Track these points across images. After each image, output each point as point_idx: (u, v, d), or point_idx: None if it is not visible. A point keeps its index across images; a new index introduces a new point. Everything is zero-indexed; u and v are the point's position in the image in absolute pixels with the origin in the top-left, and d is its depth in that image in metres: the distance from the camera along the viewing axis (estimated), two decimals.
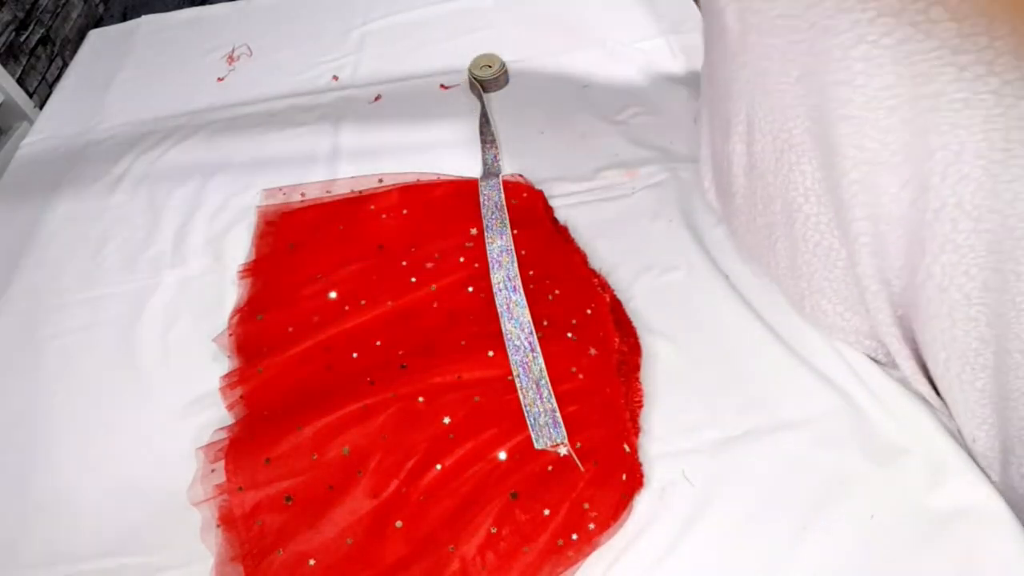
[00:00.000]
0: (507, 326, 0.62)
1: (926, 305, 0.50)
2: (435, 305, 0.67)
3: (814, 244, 0.56)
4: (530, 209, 0.75)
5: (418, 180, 0.81)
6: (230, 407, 0.64)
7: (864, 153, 0.47)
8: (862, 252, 0.52)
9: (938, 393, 0.56)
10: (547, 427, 0.56)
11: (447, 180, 0.79)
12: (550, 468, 0.54)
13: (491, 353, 0.60)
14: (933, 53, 0.38)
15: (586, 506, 0.53)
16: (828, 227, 0.54)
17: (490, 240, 0.69)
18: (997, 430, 0.51)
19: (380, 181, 0.81)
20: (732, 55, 0.53)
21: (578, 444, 0.55)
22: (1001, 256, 0.44)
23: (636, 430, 0.57)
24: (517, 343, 0.60)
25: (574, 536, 0.52)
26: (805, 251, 0.57)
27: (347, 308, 0.68)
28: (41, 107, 1.24)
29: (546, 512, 0.52)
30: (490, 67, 0.93)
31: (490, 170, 0.80)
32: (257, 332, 0.69)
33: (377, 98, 0.98)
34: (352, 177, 0.83)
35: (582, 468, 0.53)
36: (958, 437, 0.57)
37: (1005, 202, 0.42)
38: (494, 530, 0.52)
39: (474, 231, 0.72)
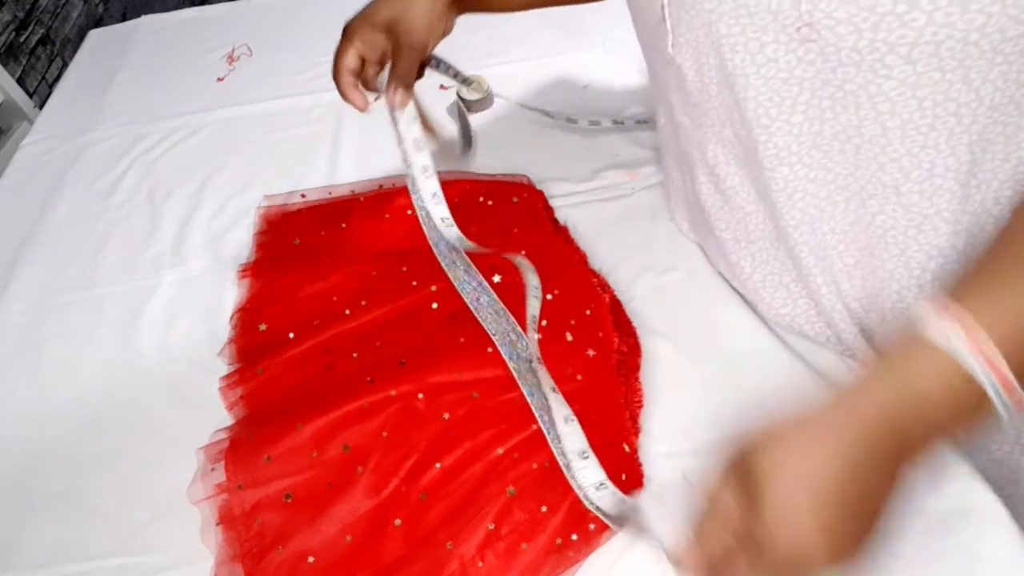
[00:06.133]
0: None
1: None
2: (435, 306, 0.67)
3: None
4: (530, 209, 0.75)
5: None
6: (230, 407, 0.64)
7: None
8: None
9: None
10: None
11: (449, 180, 0.79)
12: (547, 465, 0.54)
13: (490, 349, 0.60)
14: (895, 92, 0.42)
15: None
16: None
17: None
18: None
19: (380, 187, 0.81)
20: (694, 105, 0.53)
21: None
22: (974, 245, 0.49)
23: (636, 430, 0.57)
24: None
25: (574, 536, 0.52)
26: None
27: (347, 311, 0.68)
28: (41, 107, 1.24)
29: (544, 509, 0.52)
30: (478, 88, 0.91)
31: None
32: (258, 338, 0.69)
33: (377, 98, 0.98)
34: (351, 182, 0.83)
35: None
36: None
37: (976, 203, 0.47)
38: (492, 526, 0.52)
39: (473, 229, 0.73)
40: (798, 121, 0.47)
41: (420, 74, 0.68)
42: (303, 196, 0.82)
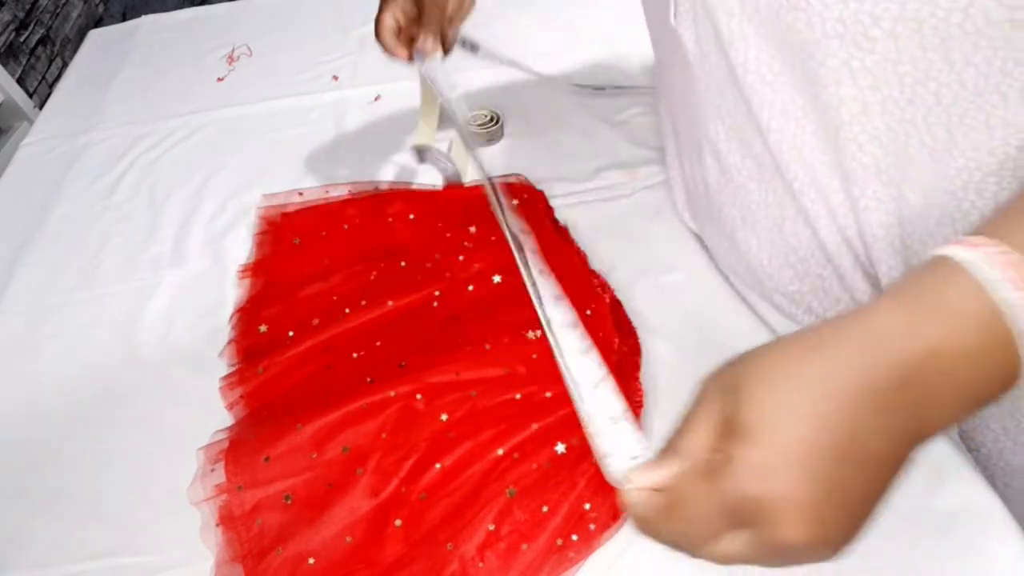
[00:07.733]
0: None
1: None
2: (435, 305, 0.67)
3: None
4: (530, 209, 0.75)
5: (408, 187, 0.81)
6: (230, 407, 0.64)
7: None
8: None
9: None
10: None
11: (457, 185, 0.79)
12: (548, 465, 0.54)
13: (487, 346, 0.60)
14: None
15: (587, 506, 0.53)
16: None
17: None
18: None
19: (376, 188, 0.81)
20: (694, 78, 0.54)
21: (575, 440, 0.55)
22: None
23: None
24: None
25: (574, 537, 0.52)
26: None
27: (347, 311, 0.68)
28: (41, 107, 1.24)
29: (544, 509, 0.52)
30: (492, 121, 0.87)
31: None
32: (258, 338, 0.69)
33: (377, 98, 0.98)
34: (349, 183, 0.83)
35: None
36: (957, 438, 0.57)
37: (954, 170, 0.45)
38: (492, 527, 0.52)
39: (473, 229, 0.73)
40: (789, 95, 0.48)
41: (448, 47, 0.72)
42: (300, 194, 0.82)
